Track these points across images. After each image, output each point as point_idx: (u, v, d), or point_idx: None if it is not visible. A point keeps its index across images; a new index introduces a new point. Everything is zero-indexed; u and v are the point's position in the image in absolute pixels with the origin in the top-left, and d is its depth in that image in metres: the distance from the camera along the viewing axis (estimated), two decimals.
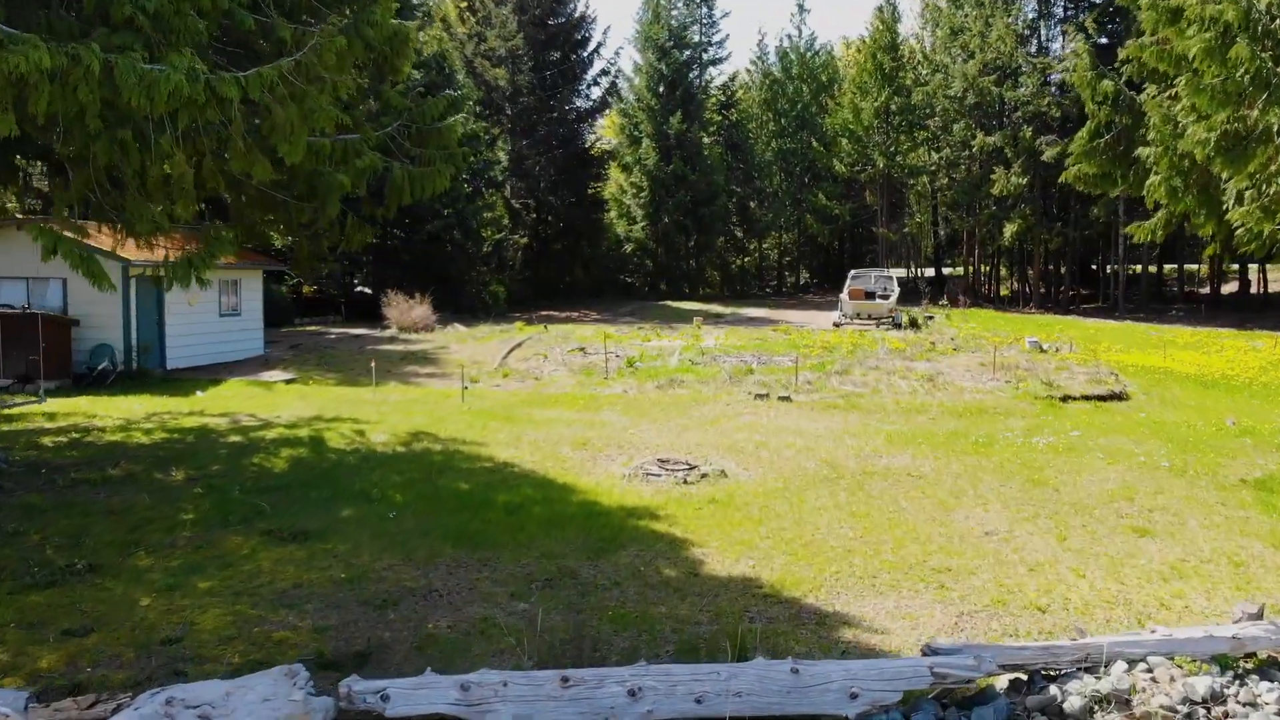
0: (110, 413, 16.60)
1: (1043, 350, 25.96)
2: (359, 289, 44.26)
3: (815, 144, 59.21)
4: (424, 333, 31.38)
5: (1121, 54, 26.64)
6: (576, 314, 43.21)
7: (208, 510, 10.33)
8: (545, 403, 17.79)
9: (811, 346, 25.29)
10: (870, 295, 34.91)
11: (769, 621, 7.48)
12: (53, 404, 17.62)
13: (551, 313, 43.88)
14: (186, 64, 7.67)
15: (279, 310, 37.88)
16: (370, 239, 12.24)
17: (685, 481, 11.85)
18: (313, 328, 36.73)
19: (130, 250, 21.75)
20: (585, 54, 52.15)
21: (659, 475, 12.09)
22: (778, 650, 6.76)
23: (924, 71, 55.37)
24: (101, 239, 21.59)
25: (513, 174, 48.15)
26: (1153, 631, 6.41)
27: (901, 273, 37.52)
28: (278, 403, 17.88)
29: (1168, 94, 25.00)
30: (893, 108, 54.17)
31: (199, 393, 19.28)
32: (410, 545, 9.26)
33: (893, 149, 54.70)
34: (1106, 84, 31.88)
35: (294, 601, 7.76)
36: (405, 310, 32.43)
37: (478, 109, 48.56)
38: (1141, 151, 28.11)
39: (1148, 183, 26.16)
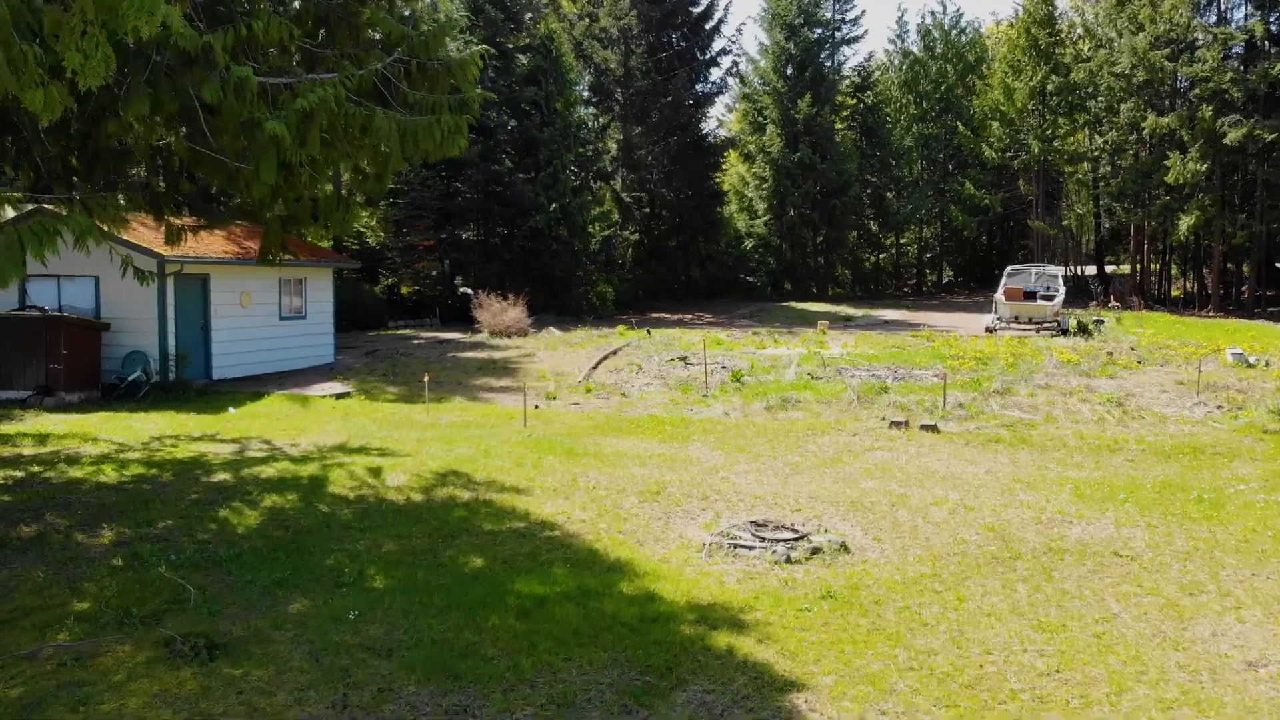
0: (114, 434, 14.30)
1: (1250, 365, 21.37)
2: (462, 289, 42.22)
3: (961, 128, 54.44)
4: (516, 337, 28.75)
5: None
6: (690, 316, 40.06)
7: (113, 595, 7.56)
8: (622, 429, 14.65)
9: (961, 357, 21.43)
10: (1031, 296, 30.52)
11: None
12: (61, 421, 15.48)
13: (662, 315, 40.84)
14: None
15: (369, 312, 36.07)
16: (359, 221, 9.23)
17: (789, 559, 8.51)
18: (405, 331, 34.75)
19: (158, 243, 19.75)
20: (704, 33, 48.85)
21: (752, 547, 8.78)
22: None
23: (1085, 47, 50.19)
24: (141, 232, 19.60)
25: (623, 164, 45.31)
26: None
27: (1057, 271, 32.82)
28: (310, 424, 15.30)
29: None
30: (1049, 87, 49.22)
31: (231, 409, 16.92)
32: (357, 675, 6.25)
33: (1049, 133, 49.68)
34: None
35: None
36: (498, 313, 29.92)
37: (586, 95, 46.00)
38: None
39: None
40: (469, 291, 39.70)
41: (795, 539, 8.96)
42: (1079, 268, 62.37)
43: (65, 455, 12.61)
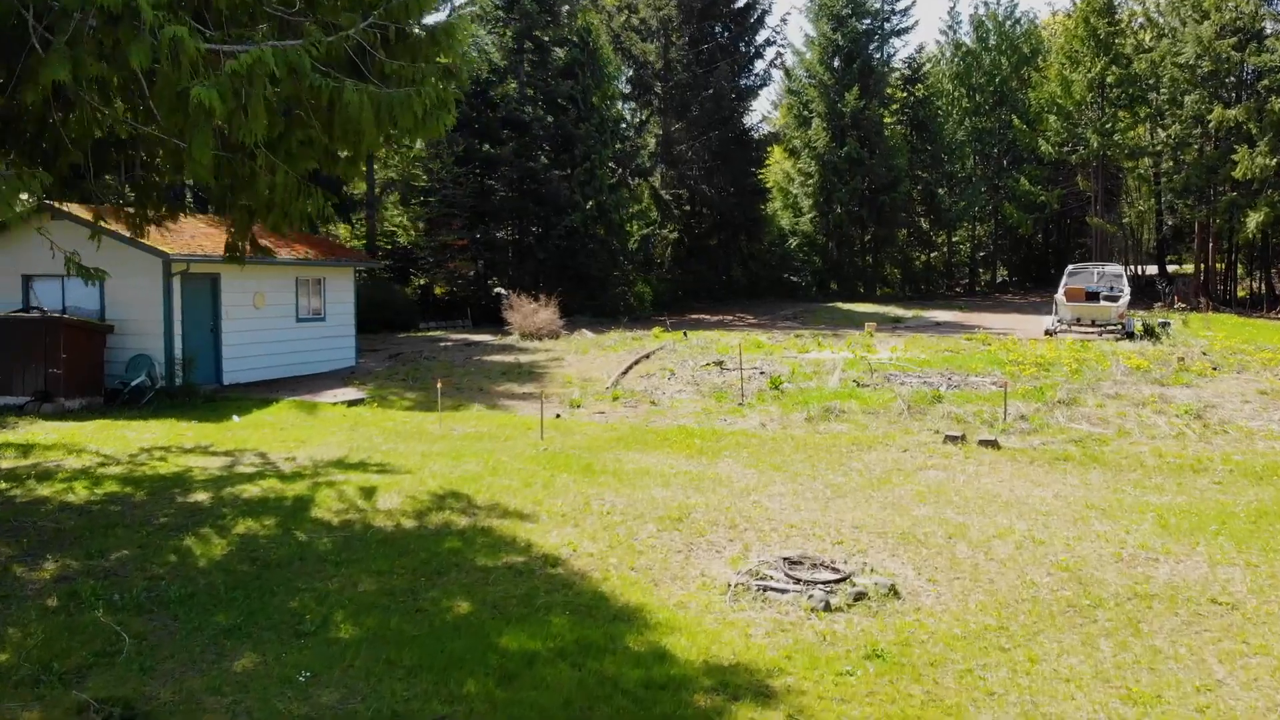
0: (104, 445, 13.43)
1: None
2: (496, 290, 41.30)
3: (1016, 122, 52.49)
4: (547, 340, 27.69)
5: None
6: (730, 317, 38.78)
7: (36, 645, 6.56)
8: (648, 441, 13.48)
9: (1020, 362, 19.97)
10: (1093, 296, 28.82)
11: None
12: (54, 430, 14.66)
13: (702, 316, 39.60)
14: None
15: (400, 313, 35.29)
16: (320, 208, 8.09)
17: (828, 606, 7.31)
18: (435, 333, 33.89)
19: (165, 242, 18.92)
20: (747, 24, 47.45)
21: (785, 590, 7.58)
22: None
23: (1147, 37, 48.15)
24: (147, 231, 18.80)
25: (662, 160, 44.08)
26: None
27: (1121, 270, 30.96)
28: (314, 435, 14.32)
29: None
30: (1109, 79, 47.23)
31: (235, 418, 16.02)
32: None
33: (1109, 126, 47.64)
34: None
35: None
36: (528, 314, 28.88)
37: (625, 89, 44.89)
38: None
39: None
40: (503, 292, 38.85)
41: (836, 580, 7.75)
42: (1139, 267, 60.09)
43: (40, 470, 11.71)
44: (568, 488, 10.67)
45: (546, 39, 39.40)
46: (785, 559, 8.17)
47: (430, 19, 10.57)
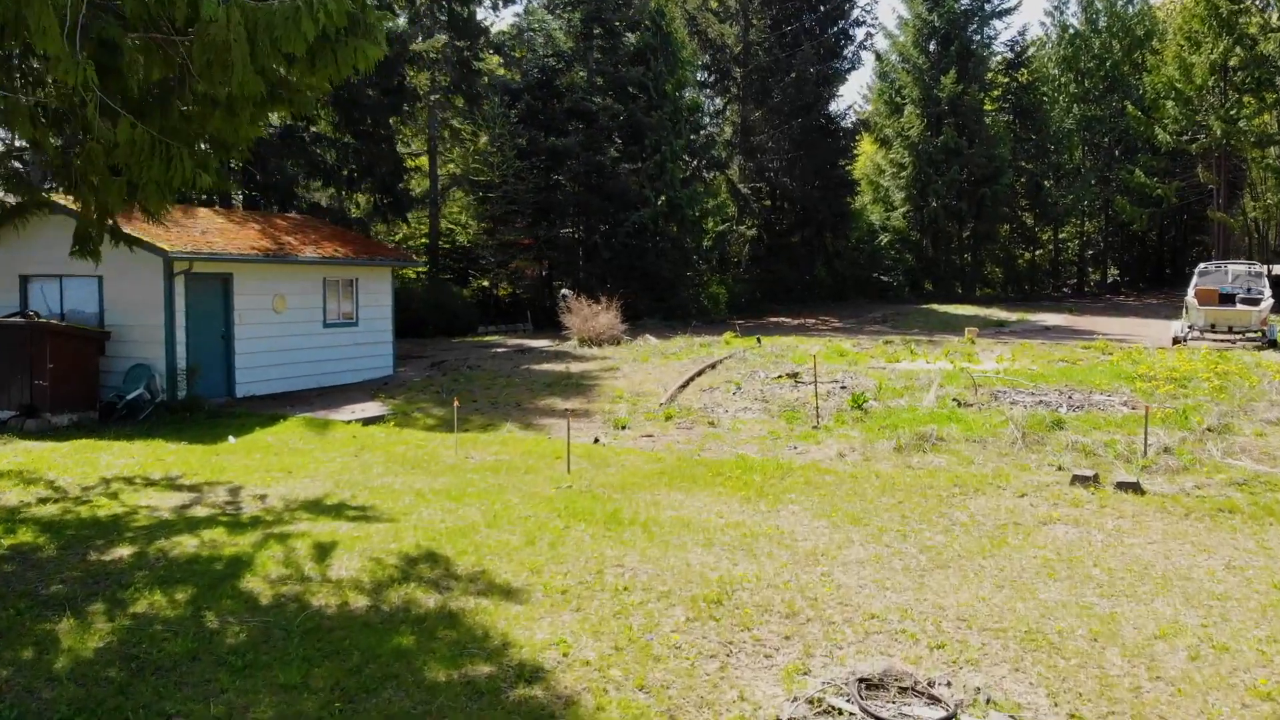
0: (66, 473, 11.65)
1: None
2: (563, 291, 39.35)
3: (1130, 108, 48.72)
4: (607, 346, 25.53)
5: None
6: (813, 321, 36.12)
7: None
8: (696, 477, 11.13)
9: (1153, 378, 17.07)
10: (1228, 299, 25.53)
11: None
12: (24, 452, 13.00)
13: (782, 319, 37.02)
14: None
15: (458, 317, 33.61)
16: (188, 178, 5.92)
17: None
18: (492, 337, 32.08)
19: (169, 237, 17.19)
20: (834, 4, 44.67)
21: None
22: None
23: (1275, 16, 44.09)
24: (141, 224, 17.14)
25: (739, 151, 41.57)
26: None
27: (1261, 269, 27.46)
28: (306, 463, 12.34)
29: None
30: (1232, 62, 43.52)
31: (231, 439, 14.16)
32: None
33: (1233, 113, 43.82)
34: None
35: None
36: (588, 318, 26.76)
37: (700, 76, 42.53)
38: None
39: None
40: (567, 293, 36.89)
41: None
42: (1268, 266, 55.58)
43: None
44: (581, 547, 8.39)
45: (617, 23, 37.29)
46: (861, 680, 5.76)
47: None
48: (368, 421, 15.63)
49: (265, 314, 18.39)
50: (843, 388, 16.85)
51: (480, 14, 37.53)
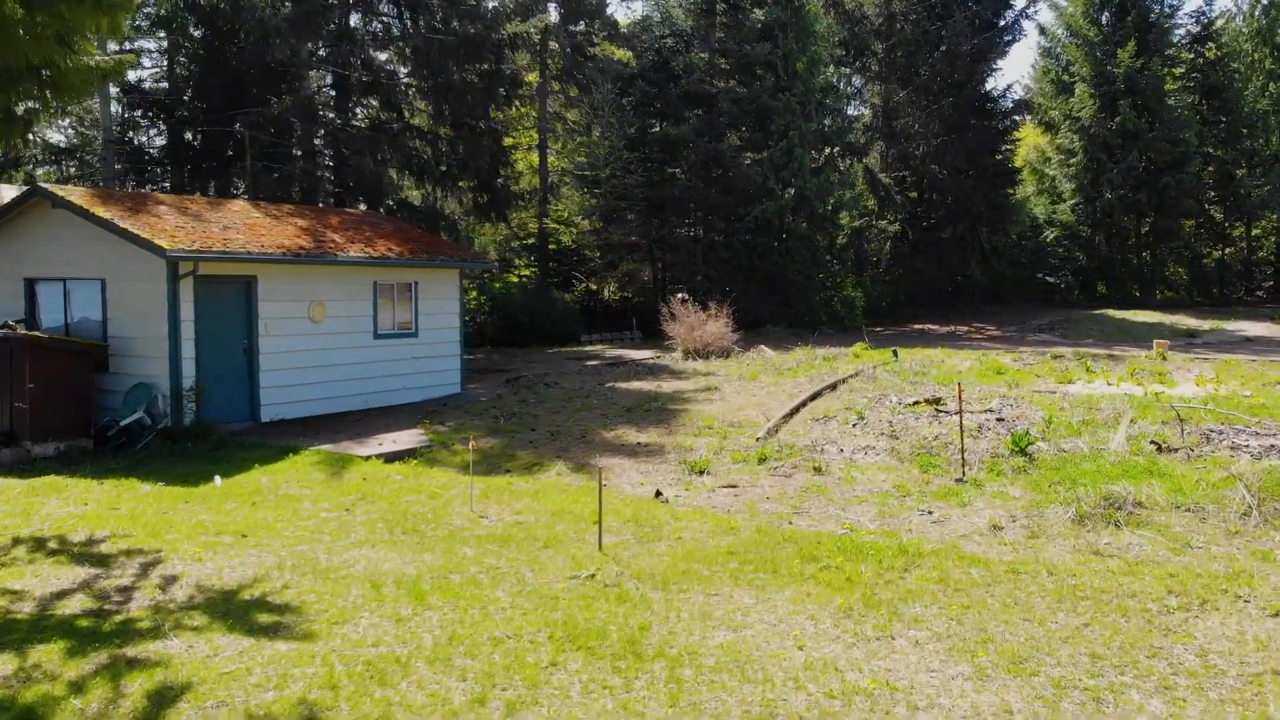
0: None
1: None
2: (680, 295, 36.40)
3: None
4: (715, 359, 22.39)
5: None
6: (964, 329, 32.04)
7: None
8: (776, 565, 7.87)
9: None
10: None
11: None
12: None
13: (928, 326, 33.05)
14: None
15: (559, 324, 31.09)
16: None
17: None
18: (595, 346, 29.45)
19: (176, 233, 14.85)
20: None
21: None
22: None
23: None
24: (147, 218, 14.92)
25: (880, 136, 37.71)
26: None
27: None
28: (274, 521, 9.68)
29: None
30: None
31: (218, 479, 11.70)
32: None
33: None
34: None
35: None
36: (694, 326, 23.70)
37: (838, 53, 38.86)
38: None
39: None
40: (686, 298, 33.89)
41: None
42: None
43: None
44: (555, 716, 5.31)
45: None
46: None
47: None
48: (391, 458, 12.93)
49: (299, 323, 15.97)
50: (999, 419, 13.25)
51: None
